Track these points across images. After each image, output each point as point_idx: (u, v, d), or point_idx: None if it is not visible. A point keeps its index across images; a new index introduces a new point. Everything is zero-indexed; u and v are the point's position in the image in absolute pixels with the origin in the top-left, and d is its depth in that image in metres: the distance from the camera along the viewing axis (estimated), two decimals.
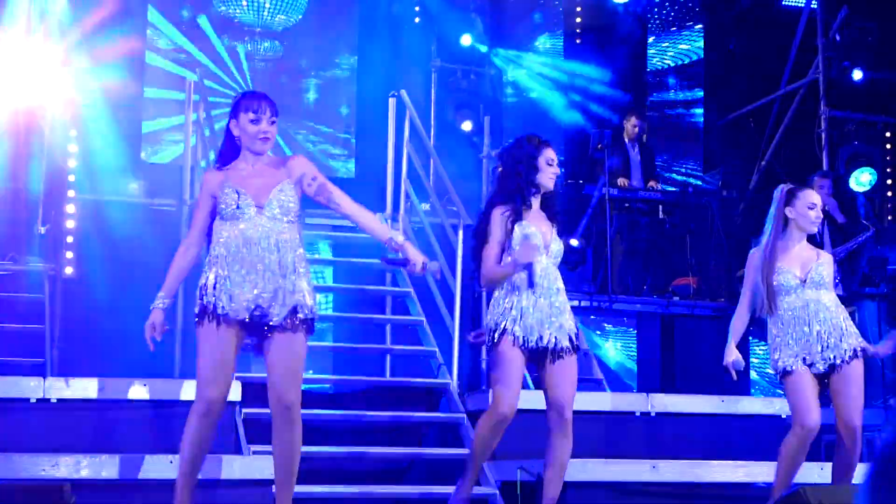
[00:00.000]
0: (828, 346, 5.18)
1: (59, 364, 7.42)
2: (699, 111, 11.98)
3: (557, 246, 5.08)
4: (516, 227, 4.98)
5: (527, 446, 6.25)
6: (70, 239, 7.82)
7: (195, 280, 4.62)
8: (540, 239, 4.98)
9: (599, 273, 9.53)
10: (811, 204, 5.22)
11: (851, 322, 5.31)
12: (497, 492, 5.92)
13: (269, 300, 4.46)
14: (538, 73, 11.45)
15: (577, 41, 11.49)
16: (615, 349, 10.80)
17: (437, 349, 6.92)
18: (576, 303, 8.89)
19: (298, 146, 10.41)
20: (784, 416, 6.81)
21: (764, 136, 11.09)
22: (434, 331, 7.06)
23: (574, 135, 11.10)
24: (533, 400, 6.45)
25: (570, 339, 4.99)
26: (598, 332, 10.16)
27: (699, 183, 11.55)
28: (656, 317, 9.25)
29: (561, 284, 5.06)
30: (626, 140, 10.01)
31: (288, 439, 4.52)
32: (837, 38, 10.49)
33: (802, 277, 5.20)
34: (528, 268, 4.89)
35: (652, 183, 10.31)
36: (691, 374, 8.91)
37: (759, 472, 5.98)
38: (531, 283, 4.89)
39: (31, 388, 5.57)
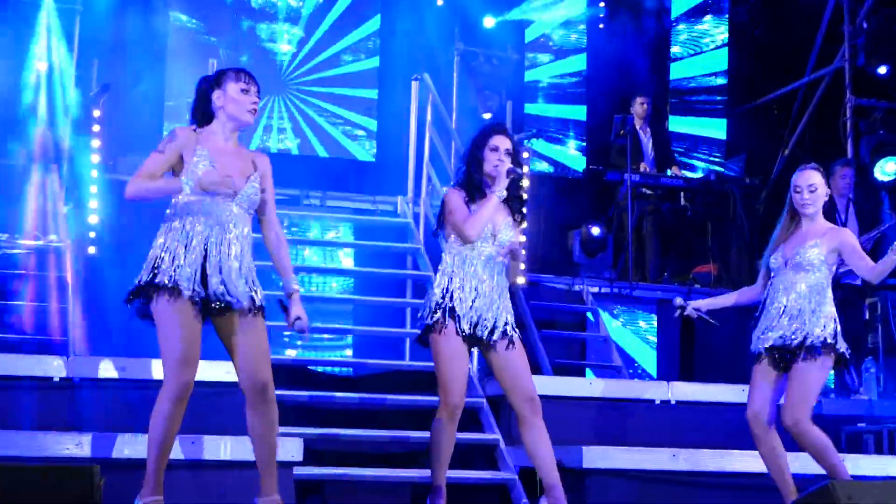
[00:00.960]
0: (782, 328, 5.07)
1: (82, 343, 7.46)
2: (722, 97, 11.93)
3: (506, 237, 5.01)
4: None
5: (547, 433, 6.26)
6: (94, 218, 7.86)
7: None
8: (488, 228, 4.96)
9: (620, 259, 9.51)
10: (796, 186, 5.20)
11: (827, 313, 5.08)
12: (516, 477, 5.93)
13: (228, 284, 4.43)
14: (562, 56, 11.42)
15: (601, 26, 11.43)
16: None
17: None
18: (596, 289, 8.89)
19: (320, 129, 10.40)
20: None
21: (788, 123, 11.03)
22: None
23: (596, 120, 11.06)
24: (552, 387, 6.47)
25: (510, 329, 4.98)
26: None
27: (721, 170, 11.49)
28: None
29: (497, 276, 5.00)
30: (637, 124, 9.96)
31: (268, 419, 4.52)
32: (864, 25, 10.40)
33: (785, 259, 5.16)
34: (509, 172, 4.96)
35: (674, 169, 10.28)
36: (711, 363, 8.88)
37: None
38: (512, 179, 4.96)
39: (55, 367, 5.61)
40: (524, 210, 5.21)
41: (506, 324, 4.98)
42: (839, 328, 5.13)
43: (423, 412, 6.46)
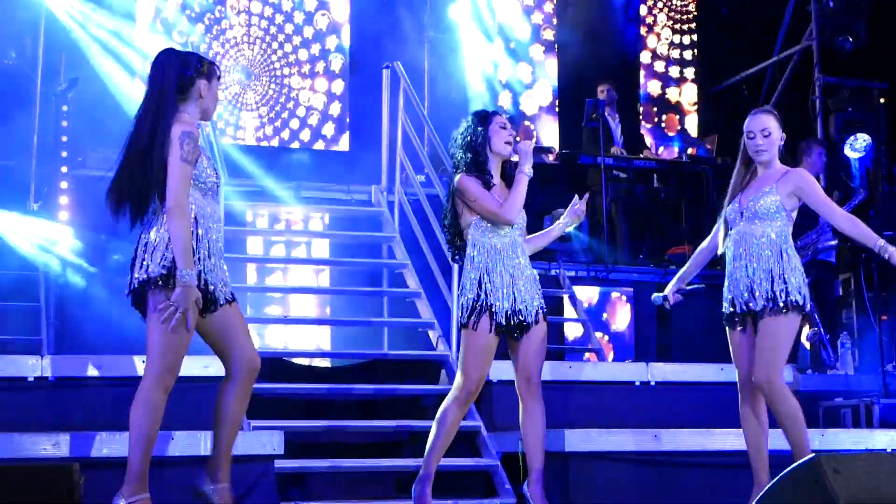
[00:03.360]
0: (750, 288, 4.88)
1: (56, 342, 7.40)
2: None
3: (521, 219, 5.06)
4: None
5: None
6: (64, 215, 7.79)
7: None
8: None
9: (595, 242, 9.51)
10: (749, 132, 4.97)
11: (794, 270, 4.87)
12: (498, 463, 5.92)
13: (223, 278, 4.45)
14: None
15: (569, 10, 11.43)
16: None
17: (435, 321, 6.90)
18: (572, 273, 8.88)
19: (290, 119, 10.34)
20: None
21: (758, 102, 11.06)
22: (432, 303, 7.04)
23: (567, 105, 11.05)
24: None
25: (540, 310, 5.01)
26: None
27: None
28: (653, 285, 9.22)
29: (526, 257, 5.07)
30: (605, 109, 9.95)
31: (245, 405, 4.54)
32: (831, 3, 10.44)
33: (741, 210, 4.95)
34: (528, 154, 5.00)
35: (646, 152, 10.30)
36: (688, 343, 8.90)
37: None
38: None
39: (29, 366, 5.54)
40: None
41: (539, 304, 5.00)
42: (806, 285, 4.92)
43: (403, 401, 6.45)
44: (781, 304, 4.83)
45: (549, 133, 11.24)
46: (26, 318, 7.45)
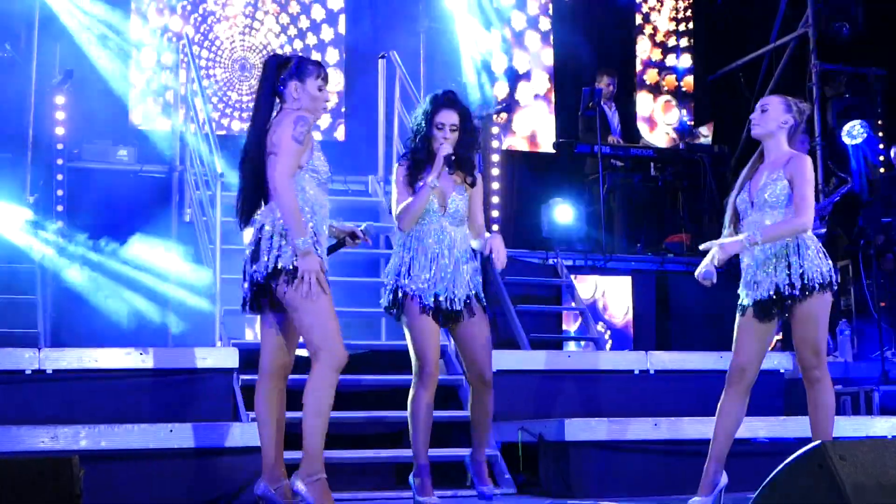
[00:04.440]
0: (766, 275, 4.73)
1: (52, 335, 7.38)
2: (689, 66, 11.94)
3: (455, 206, 4.92)
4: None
5: (527, 407, 6.24)
6: (60, 207, 7.77)
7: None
8: (440, 197, 4.88)
9: (593, 231, 9.50)
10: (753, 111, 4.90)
11: (809, 252, 4.71)
12: (498, 453, 5.91)
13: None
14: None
15: None
16: None
17: None
18: (570, 262, 8.87)
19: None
20: (782, 371, 6.81)
21: (755, 90, 11.04)
22: None
23: (567, 92, 11.02)
24: (532, 361, 6.45)
25: (479, 299, 4.94)
26: None
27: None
28: (651, 274, 9.22)
29: (466, 245, 4.96)
30: (602, 100, 9.92)
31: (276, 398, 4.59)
32: None
33: (752, 199, 4.79)
34: (446, 160, 4.86)
35: (643, 142, 10.28)
36: (687, 331, 8.90)
37: (760, 426, 5.98)
38: (450, 166, 4.85)
39: (26, 359, 5.53)
40: (475, 172, 5.04)
41: (468, 296, 4.89)
42: (828, 262, 4.78)
43: (403, 391, 6.41)
44: (808, 290, 4.68)
45: (545, 121, 11.21)
46: (23, 311, 7.43)
